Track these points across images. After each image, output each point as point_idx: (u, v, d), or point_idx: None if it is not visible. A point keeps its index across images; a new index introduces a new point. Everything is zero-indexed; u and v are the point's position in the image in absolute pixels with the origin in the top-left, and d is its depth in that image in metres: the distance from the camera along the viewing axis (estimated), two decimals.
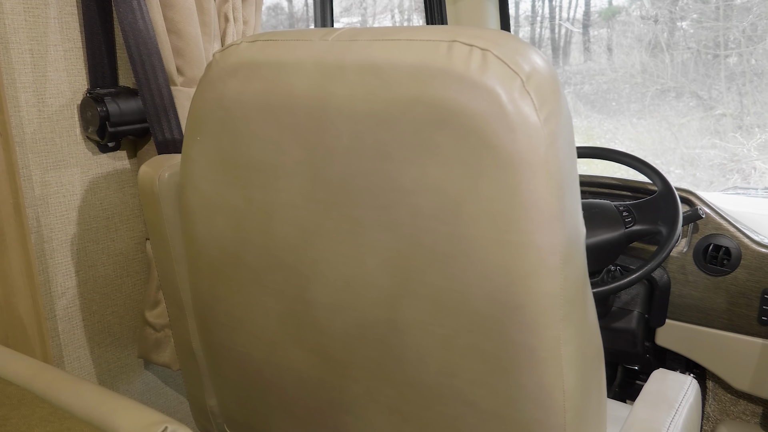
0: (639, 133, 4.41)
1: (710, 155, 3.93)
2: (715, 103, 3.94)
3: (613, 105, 4.63)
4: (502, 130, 0.50)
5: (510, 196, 0.51)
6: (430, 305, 0.58)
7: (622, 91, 4.53)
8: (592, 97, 4.78)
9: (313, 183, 0.62)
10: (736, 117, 3.83)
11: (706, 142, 3.97)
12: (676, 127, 4.13)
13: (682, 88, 4.12)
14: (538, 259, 0.51)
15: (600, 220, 1.15)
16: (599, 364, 0.61)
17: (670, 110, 4.16)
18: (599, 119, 4.72)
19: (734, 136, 3.83)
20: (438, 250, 0.56)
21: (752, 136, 3.69)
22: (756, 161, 3.70)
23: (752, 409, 1.37)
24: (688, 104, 4.09)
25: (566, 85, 5.01)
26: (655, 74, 4.22)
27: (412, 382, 0.62)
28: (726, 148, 3.85)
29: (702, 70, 4.01)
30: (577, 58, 5.06)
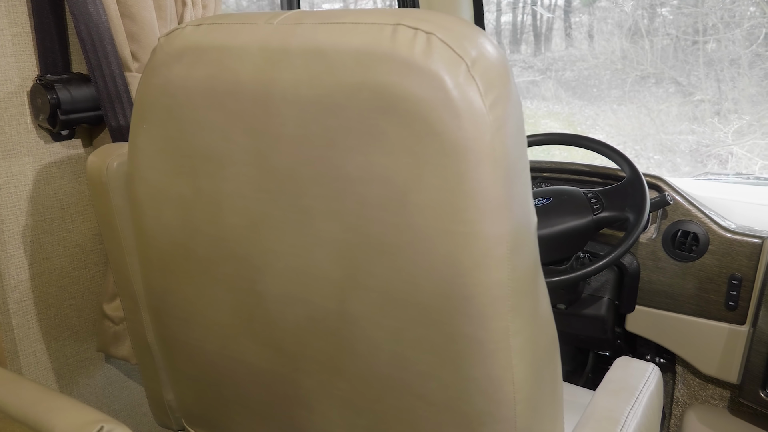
0: (619, 119, 4.42)
1: (689, 141, 3.95)
2: (693, 89, 3.96)
3: (594, 91, 4.64)
4: (446, 117, 0.49)
5: (455, 184, 0.50)
6: (379, 297, 0.56)
7: (603, 77, 4.53)
8: (574, 83, 4.79)
9: (260, 172, 0.60)
10: (714, 103, 3.85)
11: (684, 128, 4.00)
12: (656, 113, 4.14)
13: (661, 74, 4.13)
14: (485, 249, 0.50)
15: (568, 207, 1.15)
16: (553, 355, 0.60)
17: (649, 96, 4.18)
18: (580, 105, 4.72)
19: (712, 122, 3.85)
20: (385, 241, 0.54)
21: (729, 122, 3.72)
22: (732, 146, 3.73)
23: (720, 393, 1.38)
24: (668, 90, 4.11)
25: (548, 72, 5.01)
26: (635, 60, 4.23)
27: (364, 375, 0.61)
28: (704, 134, 3.88)
29: (681, 56, 4.02)
30: (558, 44, 5.05)
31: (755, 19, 3.61)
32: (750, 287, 1.19)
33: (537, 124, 4.80)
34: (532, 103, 5.04)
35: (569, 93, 4.83)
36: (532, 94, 5.08)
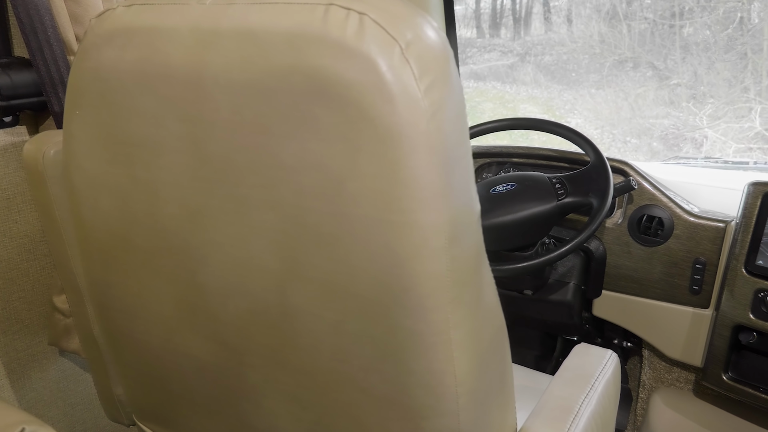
0: (597, 104, 4.43)
1: (665, 125, 3.97)
2: (670, 73, 3.97)
3: (572, 75, 4.64)
4: (379, 102, 0.47)
5: (390, 172, 0.48)
6: (318, 289, 0.54)
7: (582, 61, 4.53)
8: (553, 67, 4.78)
9: (195, 160, 0.57)
10: (690, 87, 3.87)
11: (660, 112, 4.01)
12: (633, 97, 4.16)
13: (639, 58, 4.14)
14: (422, 239, 0.48)
15: (532, 192, 1.13)
16: (499, 345, 0.59)
17: (627, 81, 4.19)
18: (559, 90, 4.72)
19: (687, 106, 3.87)
20: (322, 231, 0.52)
21: (704, 106, 3.74)
22: (706, 129, 3.75)
23: (685, 376, 1.39)
24: (645, 74, 4.11)
25: (527, 56, 4.99)
26: (613, 45, 4.23)
27: (307, 369, 0.59)
28: (680, 117, 3.90)
29: (658, 40, 4.02)
30: (538, 28, 5.03)
31: (730, 3, 3.61)
32: (714, 271, 1.20)
33: (516, 108, 4.79)
34: (511, 87, 5.02)
35: (548, 77, 4.83)
36: (511, 78, 5.07)
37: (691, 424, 1.29)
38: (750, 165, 1.67)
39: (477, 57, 4.98)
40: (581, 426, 0.69)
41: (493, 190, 1.16)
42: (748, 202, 1.12)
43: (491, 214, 1.13)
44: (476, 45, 4.96)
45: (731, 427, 1.26)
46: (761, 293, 1.11)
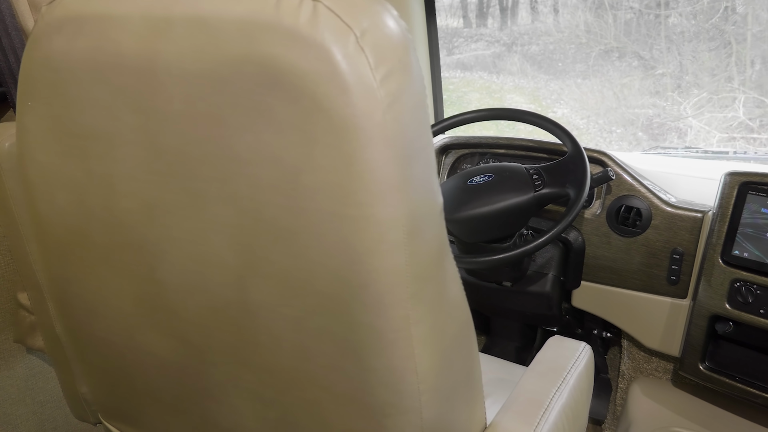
0: (583, 94, 4.43)
1: (650, 114, 3.98)
2: (655, 63, 3.97)
3: (559, 66, 4.63)
4: (334, 92, 0.45)
5: (346, 165, 0.46)
6: (277, 285, 0.53)
7: (568, 51, 4.52)
8: (539, 57, 4.76)
9: (149, 153, 0.55)
10: (675, 77, 3.87)
11: (646, 102, 4.02)
12: (618, 87, 4.16)
13: (624, 48, 4.13)
14: (379, 234, 0.47)
15: (510, 183, 1.12)
16: (465, 341, 0.58)
17: (613, 70, 4.18)
18: (546, 80, 4.71)
19: (673, 96, 3.88)
20: (279, 226, 0.51)
21: (689, 96, 3.75)
22: (691, 119, 3.76)
23: (664, 366, 1.40)
24: (631, 64, 4.11)
25: (514, 46, 4.97)
26: (598, 34, 4.22)
27: (269, 366, 0.57)
28: (665, 107, 3.91)
29: (644, 30, 4.02)
30: (525, 18, 5.01)
31: None
32: (691, 261, 1.19)
33: (503, 98, 4.78)
34: (498, 77, 5.00)
35: (535, 67, 4.82)
36: (498, 68, 5.05)
37: (669, 413, 1.29)
38: (730, 155, 1.67)
39: (464, 47, 4.96)
40: (551, 419, 0.68)
41: (470, 182, 1.15)
42: (724, 192, 1.12)
43: (468, 205, 1.12)
44: (463, 35, 4.94)
45: (709, 416, 1.27)
46: (737, 283, 1.11)
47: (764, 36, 3.54)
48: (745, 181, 1.10)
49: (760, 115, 3.51)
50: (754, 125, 3.49)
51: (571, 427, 0.72)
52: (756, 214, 1.09)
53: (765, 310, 1.09)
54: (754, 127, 3.47)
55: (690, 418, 1.27)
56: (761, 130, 3.44)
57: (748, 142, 3.39)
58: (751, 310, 1.10)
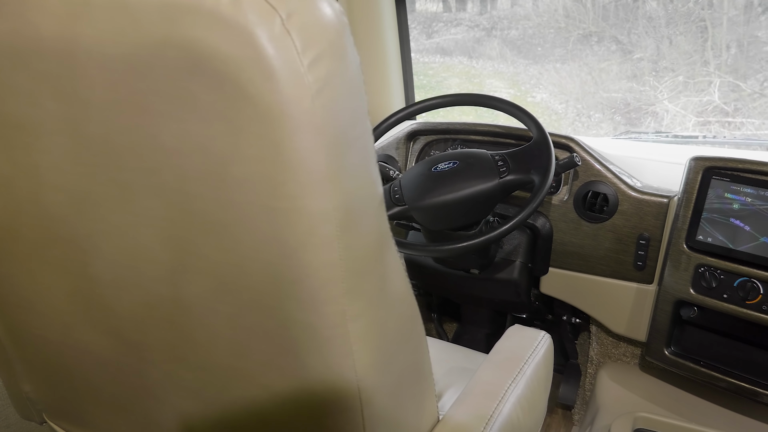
0: (562, 78, 4.42)
1: (627, 99, 3.99)
2: (633, 48, 3.97)
3: (538, 50, 4.61)
4: (258, 78, 0.42)
5: (273, 155, 0.44)
6: (210, 281, 0.51)
7: (547, 36, 4.50)
8: (519, 42, 4.74)
9: (75, 143, 0.52)
10: (653, 61, 3.88)
11: (623, 86, 4.02)
12: (597, 71, 4.15)
13: (603, 32, 4.12)
14: (310, 227, 0.45)
15: (475, 170, 1.10)
16: (410, 335, 0.56)
17: (591, 55, 4.18)
18: (525, 64, 4.70)
19: (650, 80, 3.88)
20: (209, 219, 0.48)
21: (666, 80, 3.75)
22: (667, 103, 3.77)
23: (632, 351, 1.40)
24: (609, 49, 4.11)
25: (493, 30, 4.95)
26: (577, 19, 4.21)
27: (207, 364, 0.55)
28: (642, 92, 3.91)
29: (621, 14, 4.02)
30: (504, 2, 4.98)
31: None
32: (657, 247, 1.19)
33: (482, 83, 4.76)
34: (478, 62, 4.98)
35: (514, 52, 4.79)
36: (477, 53, 5.02)
37: (635, 398, 1.30)
38: (699, 139, 1.67)
39: (443, 32, 4.92)
40: (506, 411, 0.67)
41: (434, 169, 1.13)
42: (689, 177, 1.12)
43: (433, 192, 1.10)
44: (442, 19, 4.90)
45: (675, 401, 1.28)
46: (701, 268, 1.11)
47: (740, 20, 3.55)
48: (709, 166, 1.09)
49: (735, 99, 3.53)
50: (728, 109, 3.51)
51: (526, 418, 0.71)
52: (720, 199, 1.08)
53: (728, 295, 1.09)
54: (728, 110, 3.49)
55: (656, 402, 1.28)
56: (736, 114, 3.46)
57: (723, 126, 3.41)
58: (714, 295, 1.10)
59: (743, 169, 1.06)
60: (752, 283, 1.06)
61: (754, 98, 3.47)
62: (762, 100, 3.45)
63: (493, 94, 1.21)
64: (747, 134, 3.36)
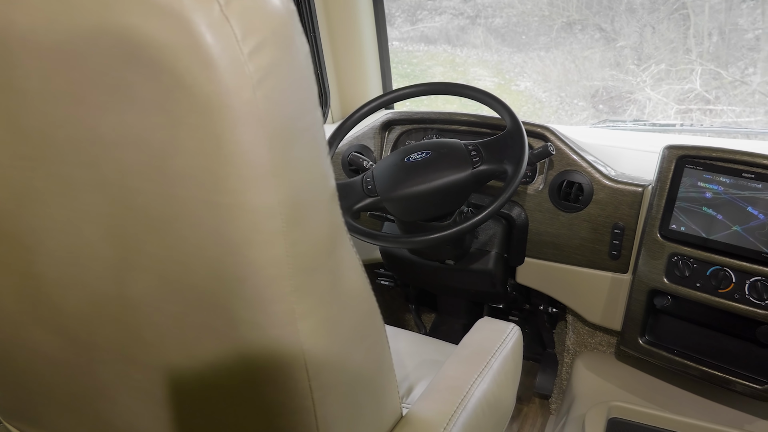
0: (546, 66, 4.41)
1: (610, 87, 3.99)
2: (617, 36, 3.96)
3: (522, 38, 4.59)
4: (195, 67, 0.40)
5: (214, 148, 0.42)
6: (155, 279, 0.49)
7: (531, 24, 4.48)
8: (503, 30, 4.72)
9: (13, 135, 0.50)
10: (636, 49, 3.87)
11: (607, 74, 4.02)
12: (581, 59, 4.14)
13: (586, 20, 4.11)
14: (253, 223, 0.43)
15: (447, 160, 1.09)
16: (369, 333, 0.55)
17: (575, 43, 4.17)
18: (509, 53, 4.68)
19: (633, 68, 3.88)
20: (151, 215, 0.46)
21: (649, 68, 3.76)
22: (649, 91, 3.78)
23: (608, 340, 1.40)
24: (593, 37, 4.10)
25: (478, 18, 4.92)
26: (561, 7, 4.19)
27: (156, 364, 0.54)
28: (625, 80, 3.91)
29: (605, 2, 4.00)
30: None
31: None
32: (632, 236, 1.19)
33: (467, 72, 4.74)
34: (462, 50, 4.96)
35: (498, 40, 4.77)
36: (462, 41, 5.00)
37: (611, 387, 1.30)
38: (677, 127, 1.67)
39: (428, 20, 4.89)
40: (470, 406, 0.66)
41: (407, 159, 1.11)
42: (663, 166, 1.11)
43: (405, 183, 1.08)
44: (427, 7, 4.86)
45: (650, 389, 1.28)
46: (675, 257, 1.10)
47: (721, 8, 3.55)
48: (682, 154, 1.09)
49: (716, 87, 3.54)
50: (710, 97, 3.52)
51: (492, 413, 0.70)
52: (692, 187, 1.08)
53: (701, 284, 1.09)
54: (710, 98, 3.51)
55: (631, 391, 1.28)
56: (717, 102, 3.47)
57: (704, 114, 3.43)
58: (687, 284, 1.10)
59: (716, 158, 1.06)
60: (725, 272, 1.06)
61: (735, 86, 3.48)
62: (743, 87, 3.47)
63: (465, 82, 1.20)
64: (727, 122, 3.37)
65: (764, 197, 1.01)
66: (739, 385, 1.09)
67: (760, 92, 3.39)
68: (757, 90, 3.37)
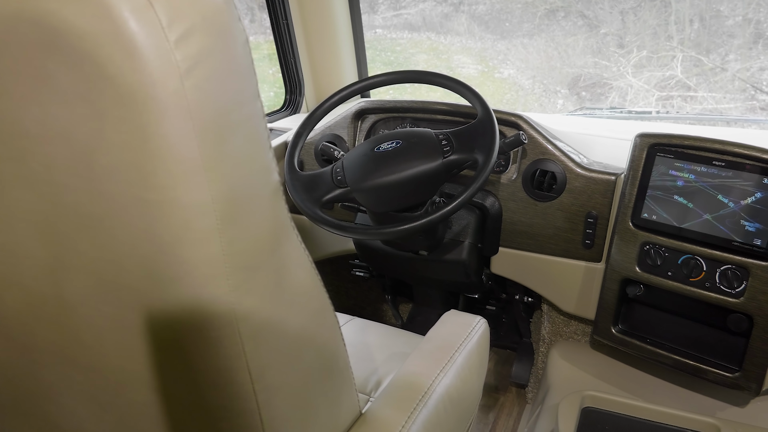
0: (529, 54, 4.39)
1: (592, 74, 3.98)
2: (599, 23, 3.95)
3: (506, 25, 4.56)
4: (118, 55, 0.38)
5: (141, 142, 0.40)
6: (90, 279, 0.47)
7: (515, 10, 4.45)
8: (487, 17, 4.69)
9: None
10: (618, 36, 3.87)
11: (589, 61, 4.01)
12: (563, 46, 4.13)
13: (569, 7, 4.09)
14: (185, 220, 0.41)
15: (418, 150, 1.07)
16: (320, 330, 0.53)
17: (558, 30, 4.15)
18: (492, 40, 4.65)
19: (615, 55, 3.88)
20: (81, 212, 0.44)
21: (630, 55, 3.75)
22: (631, 78, 3.78)
23: (583, 329, 1.40)
24: (576, 24, 4.08)
25: (462, 5, 4.89)
26: None
27: (97, 366, 0.51)
28: (608, 67, 3.91)
29: None
30: None
31: None
32: (605, 225, 1.18)
33: (450, 59, 4.71)
34: (445, 38, 4.92)
35: (482, 27, 4.74)
36: (445, 29, 4.96)
37: (585, 376, 1.30)
38: (653, 115, 1.66)
39: (411, 7, 4.84)
40: (431, 404, 0.65)
41: (377, 149, 1.09)
42: (634, 155, 1.10)
43: (375, 174, 1.06)
44: None
45: (624, 378, 1.28)
46: (647, 246, 1.10)
47: None
48: (653, 143, 1.08)
49: (697, 73, 3.55)
50: (690, 83, 3.53)
51: (454, 409, 0.69)
52: (664, 176, 1.07)
53: (673, 273, 1.08)
54: (690, 85, 3.51)
55: (605, 380, 1.28)
56: (698, 88, 3.47)
57: (685, 100, 3.43)
58: (659, 273, 1.10)
59: (687, 146, 1.05)
60: (696, 260, 1.06)
61: (716, 72, 3.49)
62: (723, 74, 3.47)
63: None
64: (707, 108, 3.37)
65: (735, 185, 1.00)
66: (710, 373, 1.09)
67: (739, 78, 3.39)
68: (736, 76, 3.37)
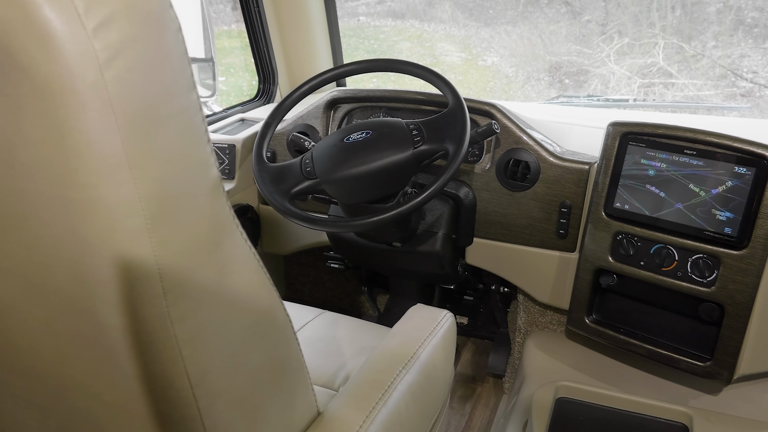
0: (513, 41, 4.36)
1: (575, 61, 3.97)
2: (582, 10, 3.93)
3: (490, 12, 4.53)
4: (31, 45, 0.35)
5: (59, 138, 0.37)
6: (19, 282, 0.44)
7: None
8: (470, 4, 4.65)
9: None
10: (601, 23, 3.85)
11: (572, 48, 4.00)
12: (547, 34, 4.11)
13: None
14: (110, 220, 0.38)
15: (388, 140, 1.05)
16: (267, 331, 0.51)
17: (542, 17, 4.13)
18: (476, 27, 4.61)
19: (598, 42, 3.86)
20: (5, 212, 0.41)
21: (613, 42, 3.74)
22: (613, 65, 3.77)
23: (558, 318, 1.39)
24: (559, 11, 4.06)
25: None
26: None
27: (34, 372, 0.49)
28: (590, 54, 3.90)
29: None
30: None
31: None
32: (579, 214, 1.17)
33: (434, 47, 4.67)
34: (429, 25, 4.88)
35: (466, 14, 4.70)
36: (429, 16, 4.91)
37: (560, 366, 1.29)
38: (630, 103, 1.65)
39: None
40: (392, 402, 0.63)
41: (347, 139, 1.07)
42: (607, 143, 1.09)
43: (345, 165, 1.04)
44: None
45: (598, 368, 1.28)
46: (619, 236, 1.09)
47: None
48: (626, 131, 1.06)
49: (679, 60, 3.54)
50: (672, 70, 3.53)
51: (417, 406, 0.67)
52: (636, 165, 1.06)
53: (645, 262, 1.08)
54: (672, 72, 3.51)
55: (580, 369, 1.28)
56: (679, 75, 3.48)
57: (666, 87, 3.44)
58: (632, 263, 1.09)
59: (659, 135, 1.04)
60: (668, 249, 1.05)
61: (698, 59, 3.48)
62: (704, 60, 3.47)
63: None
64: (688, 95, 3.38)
65: (705, 174, 1.00)
66: (683, 362, 1.09)
67: (720, 65, 3.39)
68: (717, 63, 3.37)
